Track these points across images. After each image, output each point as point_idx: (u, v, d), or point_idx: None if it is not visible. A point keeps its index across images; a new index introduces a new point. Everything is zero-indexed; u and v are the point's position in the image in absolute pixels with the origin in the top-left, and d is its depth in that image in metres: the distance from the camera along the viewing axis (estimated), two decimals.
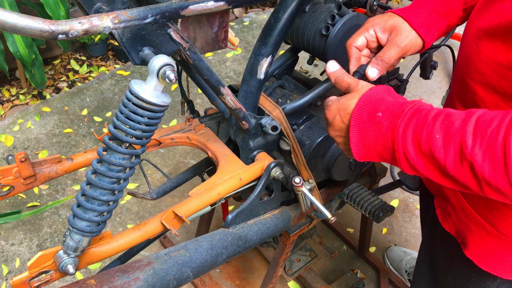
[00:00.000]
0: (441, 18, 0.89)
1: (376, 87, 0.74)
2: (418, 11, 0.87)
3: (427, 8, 0.87)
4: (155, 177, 2.29)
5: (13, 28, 0.63)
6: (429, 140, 0.62)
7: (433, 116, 0.64)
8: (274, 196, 1.14)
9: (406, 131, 0.65)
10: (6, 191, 0.96)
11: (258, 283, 1.87)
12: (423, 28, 0.86)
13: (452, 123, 0.61)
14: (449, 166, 0.61)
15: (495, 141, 0.57)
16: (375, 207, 1.19)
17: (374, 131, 0.69)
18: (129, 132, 0.80)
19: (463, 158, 0.59)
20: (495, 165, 0.57)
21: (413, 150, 0.64)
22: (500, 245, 0.84)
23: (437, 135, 0.62)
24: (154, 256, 0.92)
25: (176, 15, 0.84)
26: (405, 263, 1.91)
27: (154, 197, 1.19)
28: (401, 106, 0.68)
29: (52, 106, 2.70)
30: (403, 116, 0.66)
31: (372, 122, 0.70)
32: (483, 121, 0.59)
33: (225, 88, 0.98)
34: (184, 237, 2.02)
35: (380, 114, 0.69)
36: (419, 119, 0.64)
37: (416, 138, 0.64)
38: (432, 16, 0.87)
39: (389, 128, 0.67)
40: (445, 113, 0.63)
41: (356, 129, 0.72)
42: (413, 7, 0.88)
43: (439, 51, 3.27)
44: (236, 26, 3.54)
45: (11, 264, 1.91)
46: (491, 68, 0.74)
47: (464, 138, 0.59)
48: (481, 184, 0.60)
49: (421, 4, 0.88)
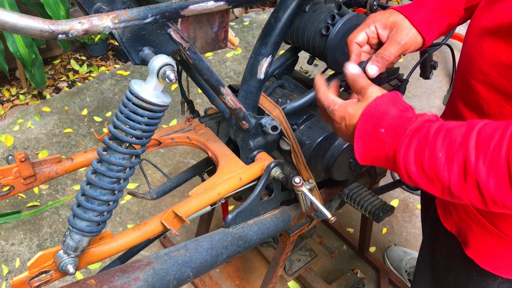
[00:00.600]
0: (443, 16, 0.88)
1: (382, 97, 0.73)
2: (419, 8, 0.87)
3: (429, 6, 0.87)
4: (155, 177, 2.29)
5: (13, 28, 0.63)
6: (432, 160, 0.62)
7: (434, 133, 0.63)
8: (274, 196, 1.14)
9: (407, 152, 0.65)
10: (6, 191, 0.96)
11: (258, 283, 1.87)
12: (423, 26, 0.86)
13: (454, 139, 0.60)
14: (454, 186, 0.60)
15: (498, 155, 0.55)
16: (375, 207, 1.19)
17: (377, 146, 0.70)
18: (129, 132, 0.80)
19: (467, 175, 0.58)
20: (500, 180, 0.56)
21: (416, 170, 0.64)
22: (501, 244, 0.85)
23: (439, 153, 0.61)
24: (154, 256, 0.92)
25: (176, 15, 0.84)
26: (405, 263, 1.91)
27: (154, 197, 1.19)
28: (404, 125, 0.67)
29: (52, 106, 2.70)
30: (405, 136, 0.66)
31: (375, 137, 0.70)
32: (484, 135, 0.58)
33: (225, 88, 0.98)
34: (184, 237, 2.02)
35: (383, 130, 0.68)
36: (420, 139, 0.64)
37: (419, 159, 0.63)
38: (433, 14, 0.87)
39: (391, 146, 0.67)
40: (446, 129, 0.62)
41: (360, 140, 0.72)
42: (415, 5, 0.88)
43: (439, 51, 3.27)
44: (236, 26, 3.54)
45: (11, 264, 1.91)
46: (493, 68, 0.74)
47: (467, 154, 0.58)
48: (486, 200, 0.59)
49: (423, 2, 0.88)
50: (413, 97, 2.93)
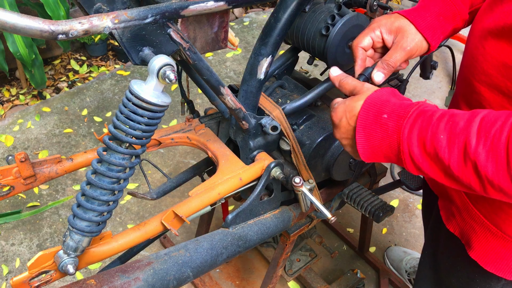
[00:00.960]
0: (448, 21, 0.88)
1: (382, 89, 0.74)
2: (425, 14, 0.87)
3: (434, 11, 0.87)
4: (155, 177, 2.29)
5: (13, 28, 0.63)
6: (433, 140, 0.63)
7: (438, 117, 0.64)
8: (274, 196, 1.14)
9: (411, 132, 0.66)
10: (6, 191, 0.96)
11: (258, 283, 1.87)
12: (429, 31, 0.86)
13: (457, 123, 0.62)
14: (453, 166, 0.61)
15: (498, 140, 0.57)
16: (375, 207, 1.19)
17: (380, 132, 0.70)
18: (129, 132, 0.80)
19: (467, 158, 0.59)
20: (498, 164, 0.57)
21: (418, 151, 0.65)
22: (505, 246, 0.84)
23: (441, 136, 0.62)
24: (154, 256, 0.92)
25: (176, 15, 0.84)
26: (405, 263, 1.91)
27: (154, 197, 1.19)
28: (406, 108, 0.68)
29: (52, 106, 2.70)
30: (408, 117, 0.67)
31: (378, 123, 0.70)
32: (487, 121, 0.59)
33: (225, 88, 0.98)
34: (184, 237, 2.02)
35: (385, 115, 0.69)
36: (424, 120, 0.65)
37: (421, 139, 0.64)
38: (438, 20, 0.87)
39: (395, 129, 0.68)
40: (450, 114, 0.64)
41: (362, 130, 0.72)
42: (420, 10, 0.88)
43: (439, 51, 3.27)
44: (236, 26, 3.54)
45: (11, 264, 1.91)
46: (496, 69, 0.73)
47: (468, 138, 0.59)
48: (484, 184, 0.60)
49: (428, 7, 0.88)
50: (413, 97, 2.93)
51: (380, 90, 0.74)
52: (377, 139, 0.71)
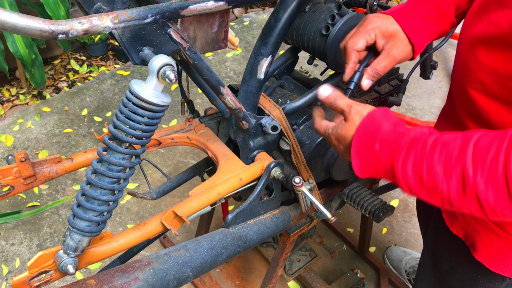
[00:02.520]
0: (434, 24, 0.88)
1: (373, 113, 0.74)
2: (411, 15, 0.87)
3: (419, 13, 0.87)
4: (155, 177, 2.29)
5: (13, 28, 0.63)
6: (430, 173, 0.63)
7: (431, 146, 0.64)
8: (274, 196, 1.14)
9: (405, 166, 0.66)
10: (6, 191, 0.96)
11: (258, 283, 1.87)
12: (413, 32, 0.86)
13: (451, 152, 0.61)
14: (453, 197, 0.61)
15: (495, 169, 0.57)
16: (375, 207, 1.19)
17: (374, 162, 0.71)
18: (129, 132, 0.80)
19: (466, 188, 0.59)
20: (499, 193, 0.57)
21: (415, 183, 0.65)
22: (509, 247, 0.85)
23: (437, 167, 0.62)
24: (154, 256, 0.92)
25: (176, 15, 0.84)
26: (405, 263, 1.91)
27: (154, 197, 1.19)
28: (398, 139, 0.68)
29: (52, 106, 2.70)
30: (400, 150, 0.67)
31: (371, 153, 0.71)
32: (481, 148, 0.59)
33: (225, 88, 0.98)
34: (184, 237, 2.02)
35: (377, 146, 0.70)
36: (417, 153, 0.65)
37: (417, 172, 0.64)
38: (424, 21, 0.87)
39: (388, 160, 0.69)
40: (442, 142, 0.63)
41: (357, 159, 0.73)
42: (406, 11, 0.88)
43: (439, 51, 3.27)
44: (236, 26, 3.54)
45: (11, 264, 1.91)
46: (490, 77, 0.73)
47: (465, 168, 0.59)
48: (486, 211, 0.60)
49: (414, 8, 0.88)
50: (413, 97, 2.93)
51: (371, 114, 0.74)
52: (372, 167, 0.72)
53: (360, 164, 0.73)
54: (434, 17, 0.88)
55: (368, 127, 0.73)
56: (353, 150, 0.74)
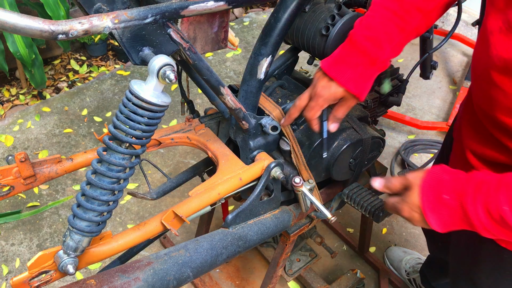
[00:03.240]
0: (368, 69, 0.92)
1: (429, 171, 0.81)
2: (344, 67, 0.92)
3: (351, 63, 0.91)
4: (155, 177, 2.29)
5: (13, 28, 0.63)
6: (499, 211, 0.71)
7: (495, 189, 0.72)
8: (274, 196, 1.14)
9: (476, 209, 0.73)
10: (6, 191, 0.96)
11: (258, 283, 1.87)
12: (351, 83, 0.92)
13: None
14: None
15: None
16: (375, 207, 1.19)
17: (448, 212, 0.78)
18: (129, 132, 0.80)
19: None
20: None
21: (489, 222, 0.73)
22: None
23: (504, 207, 0.70)
24: (154, 256, 0.92)
25: (176, 15, 0.84)
26: (405, 263, 1.91)
27: (154, 197, 1.19)
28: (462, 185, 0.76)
29: (52, 106, 2.70)
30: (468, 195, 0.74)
31: (442, 205, 0.78)
32: None
33: (225, 88, 0.98)
34: (184, 237, 2.02)
35: (447, 196, 0.77)
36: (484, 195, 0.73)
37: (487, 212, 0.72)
38: (358, 69, 0.91)
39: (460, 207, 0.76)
40: (505, 183, 0.72)
41: (431, 213, 0.80)
42: (339, 63, 0.93)
43: (439, 51, 3.27)
44: (236, 26, 3.54)
45: (11, 264, 1.91)
46: None
47: None
48: None
49: (346, 59, 0.92)
50: (413, 97, 2.93)
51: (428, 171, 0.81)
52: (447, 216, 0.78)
53: (435, 218, 0.79)
54: (366, 63, 0.91)
55: (430, 181, 0.80)
56: (423, 208, 0.79)
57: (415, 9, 0.89)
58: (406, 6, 0.88)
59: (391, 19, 0.89)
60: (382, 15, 0.89)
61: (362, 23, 0.91)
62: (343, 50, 0.93)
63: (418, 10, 0.89)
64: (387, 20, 0.89)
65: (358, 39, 0.90)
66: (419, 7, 0.88)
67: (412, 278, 1.86)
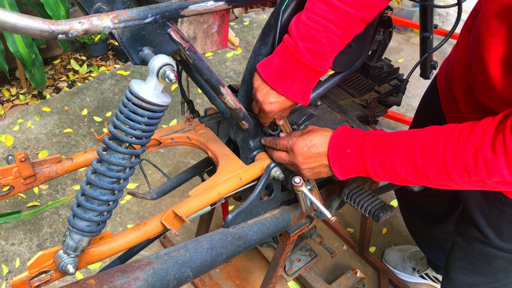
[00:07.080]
0: (313, 80, 0.95)
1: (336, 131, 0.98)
2: (290, 82, 0.94)
3: (296, 77, 0.93)
4: (155, 177, 2.29)
5: (13, 28, 0.63)
6: (391, 163, 0.88)
7: (388, 144, 0.88)
8: (274, 196, 1.14)
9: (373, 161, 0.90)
10: (6, 191, 0.96)
11: (258, 283, 1.87)
12: (299, 95, 0.96)
13: (403, 148, 0.86)
14: (410, 177, 0.87)
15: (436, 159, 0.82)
16: (375, 207, 1.19)
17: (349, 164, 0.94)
18: (129, 132, 0.80)
19: (419, 172, 0.85)
20: (441, 174, 0.83)
21: (382, 172, 0.90)
22: None
23: (395, 159, 0.87)
24: (154, 256, 0.92)
25: (176, 15, 0.84)
26: (409, 260, 1.91)
27: (154, 197, 1.19)
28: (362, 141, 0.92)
29: (52, 106, 2.70)
30: (366, 150, 0.91)
31: (345, 158, 0.94)
32: (426, 143, 0.83)
33: (225, 88, 0.98)
34: (184, 237, 2.03)
35: (349, 151, 0.93)
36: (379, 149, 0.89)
37: (382, 164, 0.89)
38: (303, 82, 0.94)
39: (359, 160, 0.92)
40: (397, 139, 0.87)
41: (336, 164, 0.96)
42: (286, 78, 0.94)
43: (439, 51, 3.27)
44: (236, 26, 3.54)
45: (11, 264, 1.91)
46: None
47: (416, 159, 0.84)
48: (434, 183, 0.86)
49: (291, 74, 0.93)
50: (413, 97, 2.93)
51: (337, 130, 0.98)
52: (348, 168, 0.95)
53: (339, 168, 0.96)
54: (311, 77, 0.94)
55: (336, 139, 0.96)
56: (330, 159, 0.96)
57: (359, 21, 0.90)
58: (350, 19, 0.88)
59: (334, 32, 0.89)
60: (326, 28, 0.88)
61: (303, 33, 0.90)
62: (286, 63, 0.92)
63: (362, 21, 0.91)
64: (331, 33, 0.89)
65: (302, 55, 0.90)
66: (363, 18, 0.90)
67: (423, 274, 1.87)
